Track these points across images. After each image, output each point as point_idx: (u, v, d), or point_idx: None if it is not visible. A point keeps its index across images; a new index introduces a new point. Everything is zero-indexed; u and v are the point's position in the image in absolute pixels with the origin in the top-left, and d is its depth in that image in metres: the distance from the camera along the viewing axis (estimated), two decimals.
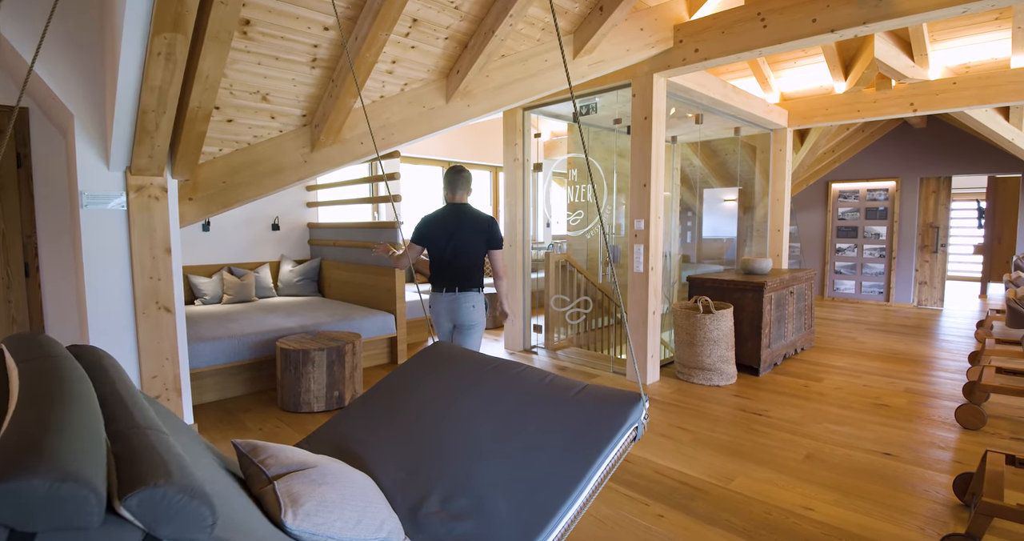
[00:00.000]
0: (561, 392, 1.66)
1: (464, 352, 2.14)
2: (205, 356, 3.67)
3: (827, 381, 4.11)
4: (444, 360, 2.08)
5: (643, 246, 3.92)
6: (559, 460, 1.42)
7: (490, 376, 1.85)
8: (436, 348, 2.22)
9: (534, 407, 1.63)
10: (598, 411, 1.53)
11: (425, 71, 3.29)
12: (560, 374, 1.86)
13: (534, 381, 1.75)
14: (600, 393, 1.62)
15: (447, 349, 2.18)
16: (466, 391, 1.80)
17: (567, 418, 1.55)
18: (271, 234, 5.76)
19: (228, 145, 3.22)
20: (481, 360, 2.01)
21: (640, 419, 1.52)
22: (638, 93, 3.84)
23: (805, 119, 5.69)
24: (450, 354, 2.10)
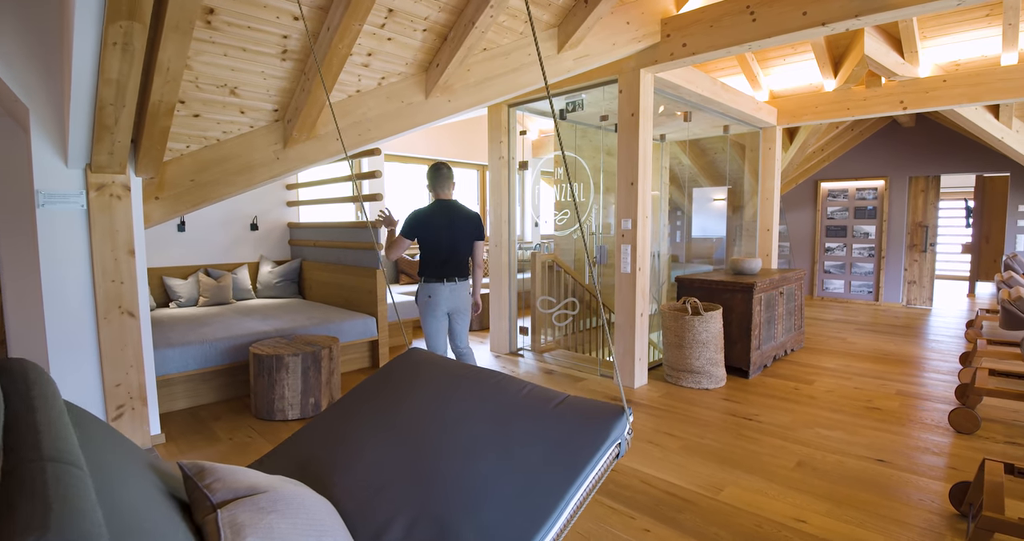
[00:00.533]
0: (540, 404, 1.55)
1: (439, 360, 2.02)
2: (175, 362, 3.51)
3: (818, 383, 4.03)
4: (418, 369, 1.96)
5: (630, 246, 3.82)
6: (536, 481, 1.30)
7: (466, 387, 1.73)
8: (410, 356, 2.09)
9: (511, 422, 1.51)
10: (578, 426, 1.41)
11: (403, 64, 3.16)
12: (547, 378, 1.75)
13: (512, 393, 1.64)
14: (581, 406, 1.50)
15: (422, 356, 2.06)
16: (439, 404, 1.68)
17: (545, 434, 1.43)
18: (250, 234, 5.60)
19: (196, 141, 3.08)
20: (457, 369, 1.89)
21: (623, 434, 1.41)
22: (625, 89, 3.73)
23: (794, 117, 5.62)
24: (425, 362, 1.98)
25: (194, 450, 3.05)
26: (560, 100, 4.47)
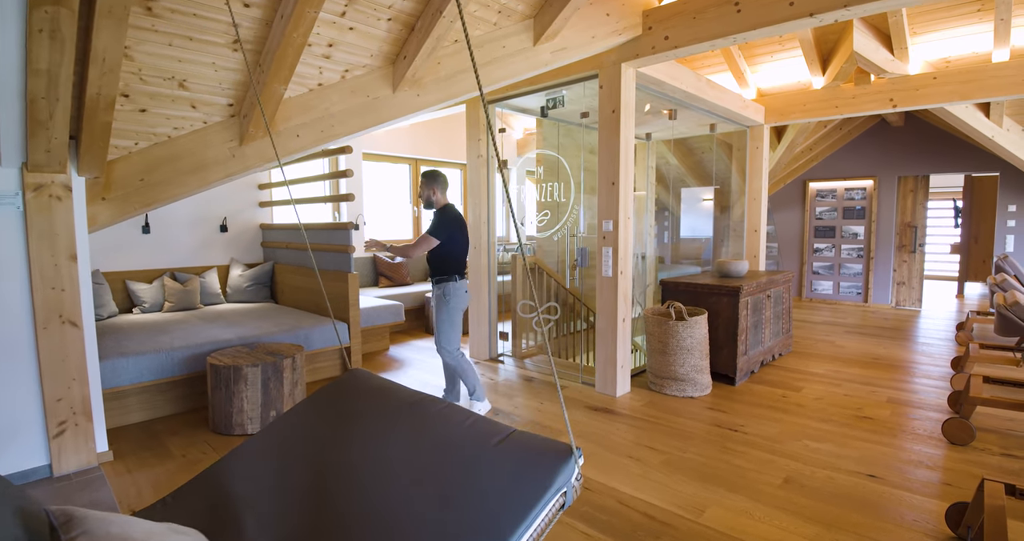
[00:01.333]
0: (482, 440, 1.38)
1: (382, 383, 1.84)
2: (128, 373, 3.30)
3: (806, 390, 3.89)
4: (358, 394, 1.77)
5: (612, 248, 3.65)
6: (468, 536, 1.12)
7: (405, 419, 1.55)
8: (352, 378, 1.91)
9: (447, 462, 1.34)
10: (520, 471, 1.24)
11: (368, 56, 2.97)
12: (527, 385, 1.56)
13: (454, 426, 1.46)
14: (526, 444, 1.33)
15: (363, 380, 1.87)
16: (372, 440, 1.50)
17: (483, 478, 1.25)
18: (219, 236, 5.37)
19: (144, 138, 2.87)
20: (399, 395, 1.71)
21: (571, 480, 1.23)
22: (605, 84, 3.57)
23: (782, 115, 5.49)
24: (366, 387, 1.79)
25: (143, 468, 2.84)
26: (540, 97, 4.30)
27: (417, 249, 3.22)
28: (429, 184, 3.33)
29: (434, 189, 3.33)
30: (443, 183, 3.37)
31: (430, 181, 3.34)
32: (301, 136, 3.02)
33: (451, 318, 3.29)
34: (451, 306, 3.28)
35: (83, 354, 2.82)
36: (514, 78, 3.25)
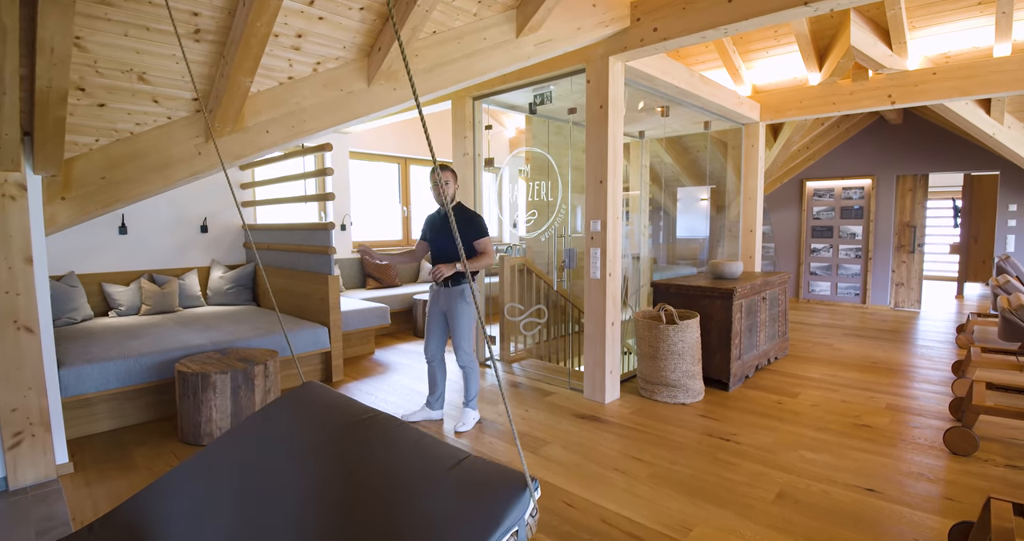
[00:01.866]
0: (431, 467, 1.23)
1: (334, 398, 1.70)
2: (93, 380, 3.16)
3: (803, 396, 3.75)
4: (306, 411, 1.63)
5: (600, 249, 3.51)
6: None
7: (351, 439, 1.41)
8: (303, 393, 1.76)
9: (391, 490, 1.20)
10: (468, 505, 1.10)
11: (341, 48, 2.83)
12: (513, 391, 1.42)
13: (403, 449, 1.32)
14: (478, 474, 1.19)
15: (315, 394, 1.73)
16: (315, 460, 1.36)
17: (427, 511, 1.12)
18: (200, 237, 5.22)
19: (105, 135, 2.72)
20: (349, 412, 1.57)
21: (524, 517, 1.09)
22: (593, 79, 3.43)
23: (778, 112, 5.35)
24: (317, 402, 1.65)
25: (104, 481, 2.70)
26: (527, 93, 4.16)
27: (492, 254, 3.16)
28: (449, 179, 3.15)
29: (456, 184, 3.22)
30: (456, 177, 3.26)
31: (454, 175, 3.19)
32: (271, 132, 2.88)
33: (471, 321, 3.19)
34: (472, 308, 3.17)
35: (40, 362, 2.67)
36: (496, 71, 3.11)
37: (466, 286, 3.14)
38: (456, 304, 3.14)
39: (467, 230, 3.13)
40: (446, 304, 3.20)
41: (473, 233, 3.13)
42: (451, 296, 3.16)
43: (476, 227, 3.13)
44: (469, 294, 3.14)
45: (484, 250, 3.12)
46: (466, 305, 3.14)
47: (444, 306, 3.21)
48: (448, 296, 3.18)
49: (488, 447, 2.94)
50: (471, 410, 3.25)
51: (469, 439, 3.06)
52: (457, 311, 3.14)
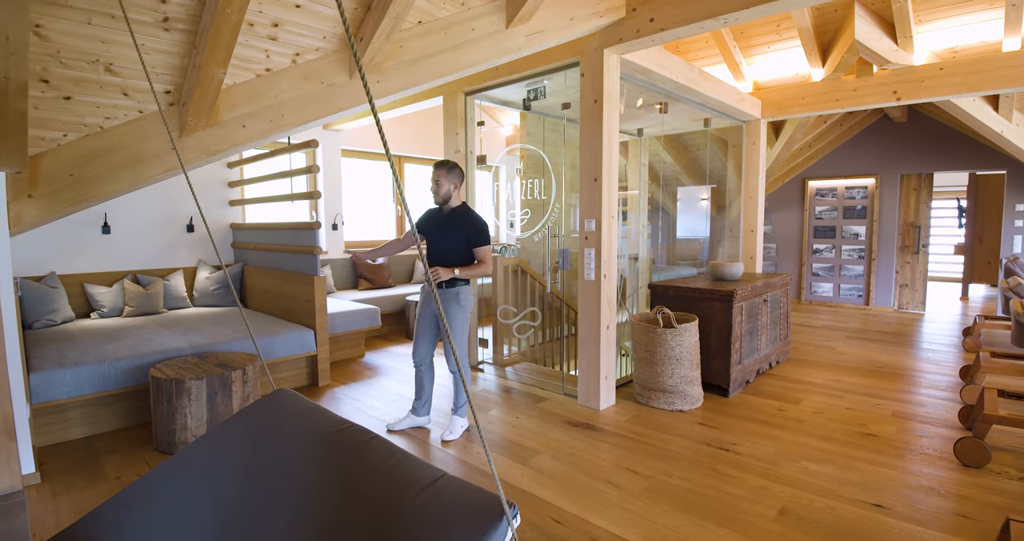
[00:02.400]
0: (402, 488, 1.10)
1: (306, 407, 1.56)
2: (66, 385, 3.03)
3: (805, 403, 3.61)
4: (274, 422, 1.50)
5: (594, 250, 3.37)
6: None
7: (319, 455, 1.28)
8: (272, 402, 1.63)
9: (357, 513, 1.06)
10: (439, 534, 0.96)
11: (321, 38, 2.69)
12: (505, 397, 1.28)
13: (373, 467, 1.19)
14: (453, 497, 1.06)
15: (286, 403, 1.60)
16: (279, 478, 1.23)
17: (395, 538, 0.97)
18: (186, 237, 5.09)
19: (74, 129, 2.59)
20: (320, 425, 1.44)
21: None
22: (587, 72, 3.29)
23: (780, 109, 5.21)
24: (287, 412, 1.52)
25: (71, 492, 2.56)
26: (521, 88, 4.02)
27: (491, 263, 3.04)
28: (450, 176, 2.99)
29: (455, 184, 3.03)
30: (460, 177, 3.06)
31: (450, 172, 3.00)
32: (248, 127, 2.74)
33: (464, 324, 3.06)
34: (466, 311, 3.04)
35: (4, 367, 2.54)
36: (485, 64, 2.97)
37: (461, 288, 3.00)
38: (450, 307, 3.01)
39: (470, 233, 2.99)
40: (436, 307, 3.06)
41: (476, 238, 2.98)
42: (445, 298, 3.03)
43: (479, 233, 2.99)
44: (464, 297, 3.01)
45: (483, 258, 2.98)
46: (460, 309, 3.00)
47: (436, 308, 3.07)
48: (441, 298, 3.04)
49: (475, 458, 2.80)
50: (459, 418, 3.11)
51: (456, 448, 2.92)
52: (451, 314, 3.01)
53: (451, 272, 2.87)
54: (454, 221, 3.01)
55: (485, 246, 2.97)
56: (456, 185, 3.05)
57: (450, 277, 2.88)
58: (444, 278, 2.86)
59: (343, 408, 3.59)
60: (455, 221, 3.01)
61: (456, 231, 2.98)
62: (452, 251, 2.99)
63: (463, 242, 2.97)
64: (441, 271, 2.85)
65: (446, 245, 3.01)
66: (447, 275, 2.86)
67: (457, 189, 3.06)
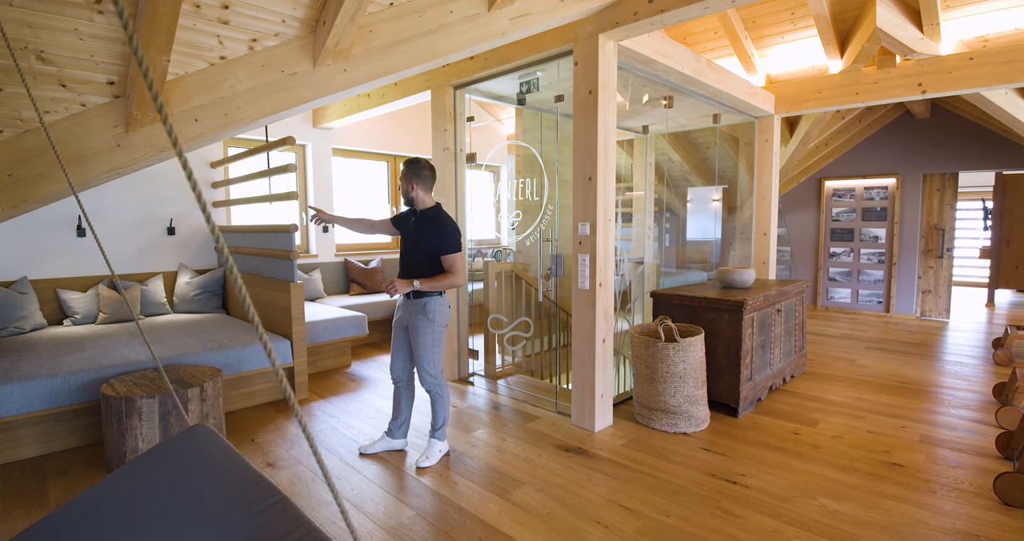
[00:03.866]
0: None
1: (217, 453, 1.29)
2: (14, 401, 2.80)
3: (823, 424, 3.28)
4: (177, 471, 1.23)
5: (589, 256, 3.08)
6: None
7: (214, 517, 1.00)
8: (189, 440, 1.36)
9: None
10: None
11: (280, 22, 2.43)
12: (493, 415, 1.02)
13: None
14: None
15: (201, 444, 1.33)
16: None
17: None
18: (166, 240, 4.87)
19: (10, 125, 2.35)
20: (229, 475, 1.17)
21: None
22: (581, 60, 3.00)
23: (795, 104, 4.87)
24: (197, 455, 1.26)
25: (5, 521, 2.32)
26: (513, 81, 3.74)
27: (460, 273, 2.70)
28: (408, 177, 2.71)
29: (413, 184, 2.71)
30: (426, 177, 2.74)
31: (409, 173, 2.71)
32: (200, 121, 2.48)
33: (436, 339, 2.75)
34: (437, 324, 2.73)
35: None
36: (466, 50, 2.69)
37: (429, 300, 2.72)
38: (417, 319, 2.73)
39: (433, 240, 2.69)
40: (408, 318, 2.78)
41: (442, 245, 2.68)
42: (412, 310, 2.75)
43: (445, 239, 2.68)
44: (433, 309, 2.72)
45: (450, 268, 2.68)
46: (427, 322, 2.71)
47: (406, 320, 2.80)
48: (409, 309, 2.76)
49: (452, 490, 2.51)
50: (437, 441, 2.83)
51: (432, 477, 2.64)
52: (418, 327, 2.72)
53: (410, 285, 2.59)
54: (423, 224, 2.73)
55: (452, 254, 2.68)
56: (415, 185, 2.73)
57: (408, 290, 2.59)
58: (401, 292, 2.57)
59: (319, 426, 3.32)
60: (424, 224, 2.73)
61: (425, 235, 2.71)
62: (421, 256, 2.71)
63: (430, 247, 2.69)
64: (398, 284, 2.56)
65: (415, 248, 2.74)
66: (405, 288, 2.57)
67: (418, 189, 2.74)
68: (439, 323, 2.75)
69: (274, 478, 2.64)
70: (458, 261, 2.68)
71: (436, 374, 2.78)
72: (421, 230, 2.73)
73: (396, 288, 2.55)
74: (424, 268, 2.71)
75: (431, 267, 2.71)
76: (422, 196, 2.76)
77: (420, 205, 2.78)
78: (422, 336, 2.73)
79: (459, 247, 2.70)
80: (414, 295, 2.73)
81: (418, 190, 2.75)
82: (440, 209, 2.79)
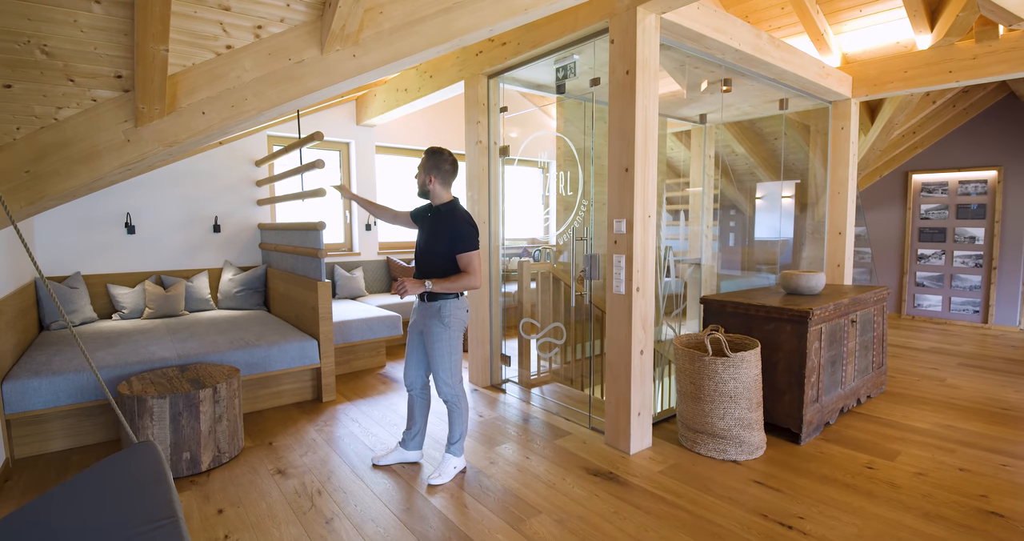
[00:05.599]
0: None
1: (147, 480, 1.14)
2: (41, 395, 2.82)
3: (903, 458, 2.80)
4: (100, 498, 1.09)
5: (625, 257, 2.76)
6: None
7: None
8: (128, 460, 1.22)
9: None
10: None
11: (284, 6, 2.28)
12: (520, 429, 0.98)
13: None
14: None
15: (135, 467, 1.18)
16: None
17: None
18: (213, 237, 4.94)
19: (26, 122, 2.33)
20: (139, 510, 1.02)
21: None
22: (617, 38, 2.68)
23: (876, 86, 4.29)
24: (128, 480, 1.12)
25: None
26: (549, 66, 3.46)
27: (476, 273, 2.45)
28: (427, 168, 2.52)
29: (431, 176, 2.52)
30: (447, 172, 2.54)
31: (430, 165, 2.52)
32: (208, 113, 2.38)
33: (452, 345, 2.53)
34: (453, 330, 2.52)
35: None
36: (484, 29, 2.44)
37: (444, 303, 2.50)
38: (431, 324, 2.52)
39: (448, 237, 2.47)
40: (422, 323, 2.58)
41: (457, 243, 2.45)
42: (427, 313, 2.54)
43: (461, 236, 2.44)
44: (448, 313, 2.50)
45: (466, 267, 2.45)
46: (443, 327, 2.49)
47: (421, 325, 2.59)
48: (424, 313, 2.56)
49: (462, 513, 2.28)
50: (452, 457, 2.60)
51: (443, 496, 2.42)
52: (433, 333, 2.51)
53: (422, 285, 2.37)
54: (438, 220, 2.52)
55: (469, 252, 2.44)
56: (433, 178, 2.52)
57: (419, 291, 2.37)
58: (412, 293, 2.36)
59: (338, 431, 3.19)
60: (439, 220, 2.52)
61: (440, 232, 2.49)
62: (436, 255, 2.50)
63: (445, 245, 2.46)
64: (409, 285, 2.34)
65: (430, 247, 2.52)
66: (416, 289, 2.36)
67: (435, 183, 2.53)
68: (455, 328, 2.52)
69: (281, 487, 2.52)
70: (474, 260, 2.45)
71: (453, 383, 2.56)
72: (436, 227, 2.52)
73: (407, 289, 2.34)
74: (439, 268, 2.50)
75: (446, 267, 2.49)
76: (439, 190, 2.55)
77: (436, 200, 2.57)
78: (437, 342, 2.51)
79: (476, 245, 2.46)
80: (428, 297, 2.53)
81: (436, 184, 2.54)
82: (457, 204, 2.56)
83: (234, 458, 2.84)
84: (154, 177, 4.64)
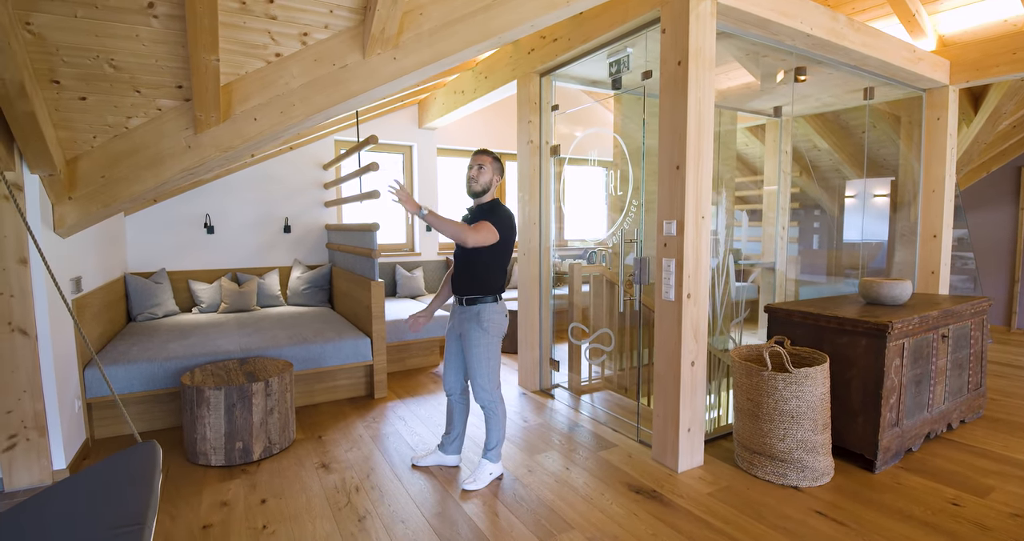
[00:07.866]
0: None
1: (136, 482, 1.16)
2: (119, 381, 3.08)
3: (997, 495, 2.44)
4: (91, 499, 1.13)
5: (675, 260, 2.59)
6: None
7: None
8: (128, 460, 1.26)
9: None
10: None
11: (327, 13, 2.32)
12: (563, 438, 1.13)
13: None
14: None
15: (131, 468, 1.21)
16: None
17: None
18: (283, 237, 5.21)
19: (100, 131, 2.54)
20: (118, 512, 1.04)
21: None
22: (668, 26, 2.52)
23: (978, 71, 3.80)
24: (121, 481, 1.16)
25: None
26: (602, 60, 3.33)
27: (478, 234, 2.34)
28: (496, 168, 2.55)
29: (496, 177, 2.56)
30: (500, 172, 2.59)
31: (498, 165, 2.56)
32: (259, 120, 2.48)
33: (490, 350, 2.50)
34: (491, 335, 2.49)
35: (35, 365, 2.57)
36: (524, 25, 2.37)
37: (483, 307, 2.46)
38: (469, 329, 2.48)
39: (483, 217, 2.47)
40: (460, 327, 2.55)
41: (487, 218, 2.44)
42: (465, 317, 2.51)
43: (492, 218, 2.43)
44: (487, 318, 2.46)
45: (475, 227, 2.37)
46: (481, 331, 2.45)
47: (459, 329, 2.57)
48: (462, 317, 2.53)
49: (490, 523, 2.23)
50: (489, 462, 2.56)
51: (475, 503, 2.38)
52: (471, 338, 2.47)
53: (416, 206, 2.23)
54: (481, 218, 2.48)
55: (486, 221, 2.39)
56: (497, 178, 2.56)
57: (414, 210, 2.22)
58: (405, 203, 2.22)
59: (384, 428, 3.24)
60: (480, 214, 2.49)
61: (476, 218, 2.47)
62: (477, 255, 2.46)
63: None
64: (404, 196, 2.24)
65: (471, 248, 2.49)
66: (409, 204, 2.23)
67: (494, 183, 2.54)
68: (493, 334, 2.47)
69: (323, 481, 2.58)
70: (484, 231, 2.36)
71: (491, 388, 2.51)
72: (476, 218, 2.50)
73: (403, 197, 2.25)
74: (480, 268, 2.47)
75: (486, 267, 2.46)
76: (492, 191, 2.55)
77: (487, 198, 2.55)
78: (475, 348, 2.47)
79: (498, 224, 2.41)
80: (467, 301, 2.50)
81: (494, 184, 2.55)
82: (498, 203, 2.54)
83: (284, 450, 2.95)
84: (231, 180, 4.95)
